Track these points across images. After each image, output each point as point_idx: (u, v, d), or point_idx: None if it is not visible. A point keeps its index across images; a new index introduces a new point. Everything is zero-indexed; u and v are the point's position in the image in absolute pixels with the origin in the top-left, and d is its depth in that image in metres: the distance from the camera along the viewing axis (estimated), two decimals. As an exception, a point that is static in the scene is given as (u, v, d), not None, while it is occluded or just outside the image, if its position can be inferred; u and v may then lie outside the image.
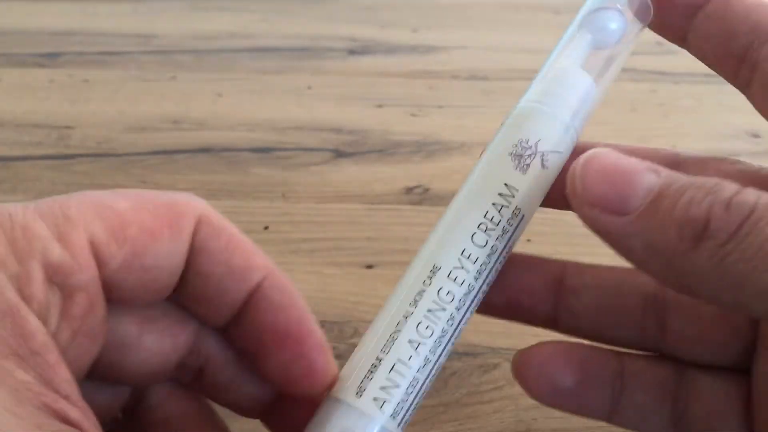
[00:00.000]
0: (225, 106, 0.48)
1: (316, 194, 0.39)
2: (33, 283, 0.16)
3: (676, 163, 0.23)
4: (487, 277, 0.20)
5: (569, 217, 0.20)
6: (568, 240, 0.34)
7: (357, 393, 0.19)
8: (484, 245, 0.20)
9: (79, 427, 0.15)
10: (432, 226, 0.21)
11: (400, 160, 0.42)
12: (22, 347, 0.15)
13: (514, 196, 0.20)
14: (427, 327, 0.19)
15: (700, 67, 0.23)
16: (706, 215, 0.17)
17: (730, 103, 0.50)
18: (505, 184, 0.20)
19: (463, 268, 0.19)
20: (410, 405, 0.19)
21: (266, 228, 0.36)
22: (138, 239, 0.18)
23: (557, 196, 0.20)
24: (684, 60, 0.25)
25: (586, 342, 0.24)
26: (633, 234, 0.18)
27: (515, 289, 0.23)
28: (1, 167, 0.42)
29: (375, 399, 0.19)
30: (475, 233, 0.20)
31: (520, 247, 0.22)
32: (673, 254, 0.17)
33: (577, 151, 0.20)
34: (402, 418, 0.19)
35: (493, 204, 0.20)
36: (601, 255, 0.21)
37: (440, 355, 0.20)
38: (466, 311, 0.20)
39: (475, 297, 0.20)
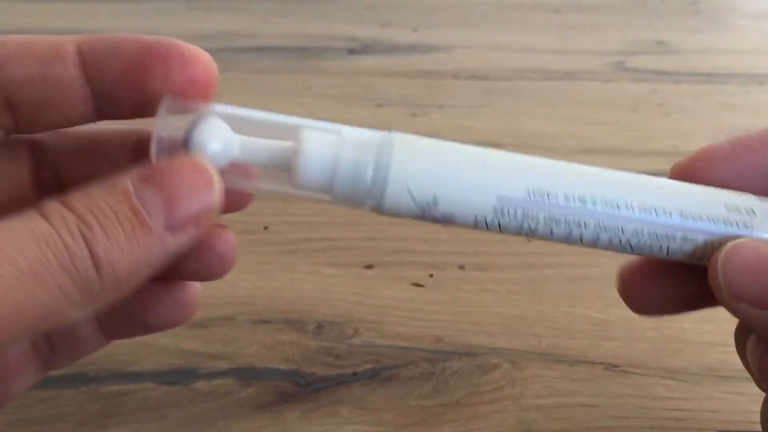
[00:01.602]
0: (225, 105, 0.48)
1: (315, 194, 0.39)
2: None
3: None
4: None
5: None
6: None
7: None
8: None
9: None
10: (433, 227, 0.21)
11: (400, 160, 0.42)
12: None
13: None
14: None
15: (701, 66, 0.23)
16: None
17: (731, 102, 0.50)
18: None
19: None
20: None
21: (266, 228, 0.36)
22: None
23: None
24: (685, 60, 0.25)
25: None
26: None
27: None
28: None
29: None
30: None
31: (521, 245, 0.22)
32: None
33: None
34: None
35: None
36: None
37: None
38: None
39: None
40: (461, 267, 0.34)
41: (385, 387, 0.28)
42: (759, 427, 0.22)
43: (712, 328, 0.30)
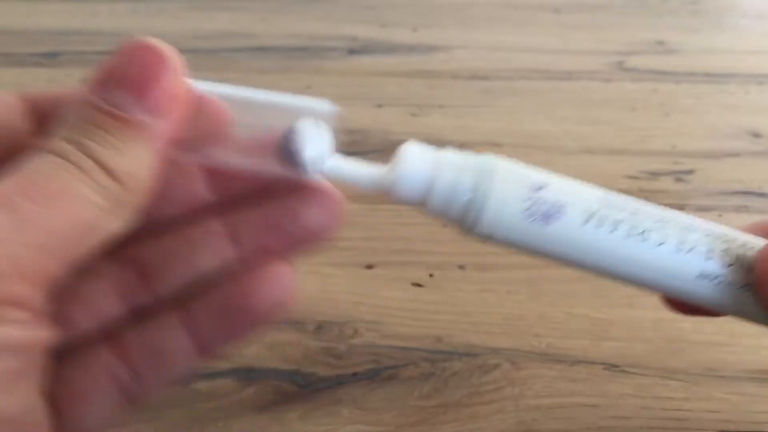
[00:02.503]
0: (224, 105, 0.48)
1: (315, 194, 0.39)
2: None
3: None
4: None
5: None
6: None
7: None
8: None
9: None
10: (433, 227, 0.21)
11: (400, 160, 0.42)
12: None
13: None
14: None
15: (701, 66, 0.23)
16: None
17: (731, 102, 0.50)
18: None
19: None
20: None
21: (266, 228, 0.36)
22: None
23: None
24: (685, 60, 0.25)
25: None
26: None
27: None
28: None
29: None
30: None
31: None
32: None
33: None
34: None
35: None
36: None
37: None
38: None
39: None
40: (461, 267, 0.34)
41: (385, 387, 0.28)
42: (760, 427, 0.22)
43: (713, 328, 0.30)
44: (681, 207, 0.38)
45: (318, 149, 0.19)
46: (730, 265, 0.20)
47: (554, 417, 0.27)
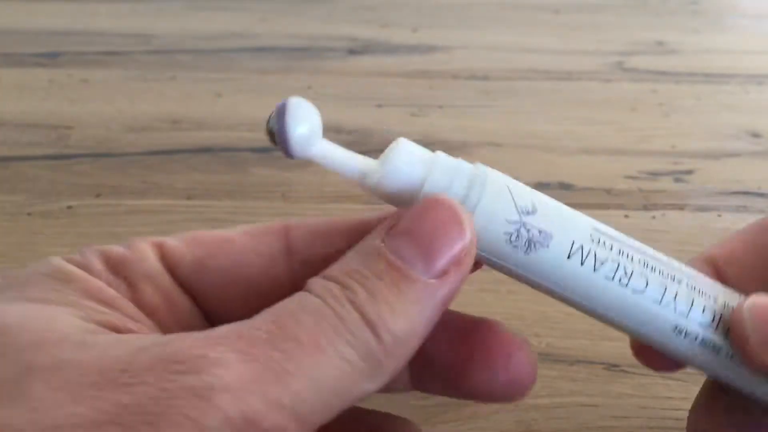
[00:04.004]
0: (224, 105, 0.48)
1: (316, 194, 0.39)
2: (93, 267, 0.17)
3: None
4: None
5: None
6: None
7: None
8: None
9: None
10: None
11: (400, 160, 0.42)
12: (94, 295, 0.16)
13: None
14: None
15: (701, 66, 0.23)
16: None
17: (731, 102, 0.50)
18: None
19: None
20: None
21: (266, 228, 0.36)
22: (212, 243, 0.18)
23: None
24: (684, 60, 0.25)
25: None
26: None
27: None
28: (0, 167, 0.41)
29: None
30: None
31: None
32: None
33: None
34: None
35: None
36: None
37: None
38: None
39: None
40: (461, 267, 0.34)
41: (385, 387, 0.28)
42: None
43: (712, 328, 0.30)
44: (681, 207, 0.38)
45: (307, 129, 0.18)
46: (710, 323, 0.19)
47: (554, 417, 0.27)
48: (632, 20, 0.64)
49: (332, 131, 0.45)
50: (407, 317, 0.15)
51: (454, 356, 0.19)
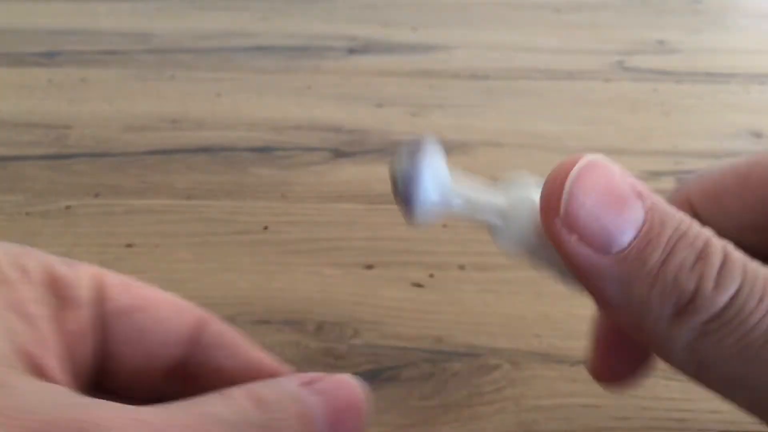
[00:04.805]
0: (224, 105, 0.48)
1: (315, 194, 0.39)
2: (31, 275, 0.17)
3: None
4: None
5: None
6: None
7: None
8: None
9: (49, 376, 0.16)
10: (433, 227, 0.21)
11: (400, 160, 0.42)
12: (17, 307, 0.16)
13: None
14: None
15: (702, 66, 0.23)
16: (695, 288, 0.15)
17: (732, 102, 0.50)
18: None
19: None
20: None
21: (266, 228, 0.36)
22: (145, 297, 0.19)
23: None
24: (685, 59, 0.25)
25: None
26: (610, 278, 0.16)
27: None
28: (-1, 167, 0.41)
29: None
30: None
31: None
32: (650, 316, 0.16)
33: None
34: None
35: None
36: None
37: None
38: None
39: None
40: (461, 267, 0.33)
41: (386, 388, 0.27)
42: (760, 428, 0.22)
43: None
44: (682, 207, 0.38)
45: (440, 183, 0.14)
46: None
47: (555, 417, 0.26)
48: (633, 19, 0.64)
49: (332, 131, 0.45)
50: None
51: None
